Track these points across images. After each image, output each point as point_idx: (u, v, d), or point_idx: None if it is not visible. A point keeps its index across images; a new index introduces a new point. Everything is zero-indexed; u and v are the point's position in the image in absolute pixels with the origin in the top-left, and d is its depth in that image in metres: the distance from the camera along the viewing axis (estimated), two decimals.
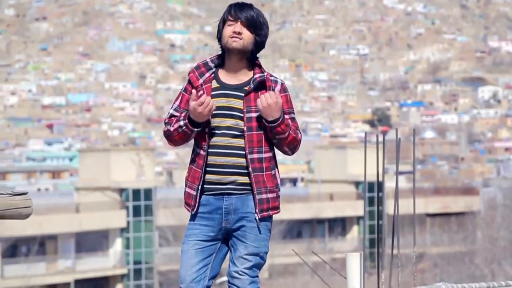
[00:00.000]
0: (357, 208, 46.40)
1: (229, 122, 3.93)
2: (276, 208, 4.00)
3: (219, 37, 4.01)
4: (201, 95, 3.94)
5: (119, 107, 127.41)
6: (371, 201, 41.71)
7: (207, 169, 3.93)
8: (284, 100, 3.97)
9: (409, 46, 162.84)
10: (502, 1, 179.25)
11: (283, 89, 3.98)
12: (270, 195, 3.96)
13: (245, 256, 3.93)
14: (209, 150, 3.93)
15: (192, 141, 4.07)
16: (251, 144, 3.92)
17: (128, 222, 41.80)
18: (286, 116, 3.95)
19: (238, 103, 3.94)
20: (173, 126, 3.96)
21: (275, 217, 4.20)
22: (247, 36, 3.96)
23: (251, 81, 3.97)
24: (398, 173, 5.63)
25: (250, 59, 4.00)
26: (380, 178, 5.65)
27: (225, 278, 44.29)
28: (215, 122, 3.93)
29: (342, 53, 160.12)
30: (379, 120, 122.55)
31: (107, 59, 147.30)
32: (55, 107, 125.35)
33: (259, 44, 3.99)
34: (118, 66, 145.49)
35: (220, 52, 4.05)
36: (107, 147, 59.34)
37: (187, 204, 4.00)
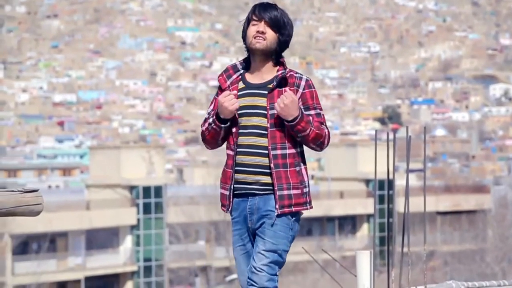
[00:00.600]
0: (367, 206, 46.34)
1: (254, 120, 3.99)
2: (302, 205, 4.02)
3: (244, 36, 4.06)
4: (223, 204, 4.06)
5: (130, 104, 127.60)
6: (381, 199, 41.65)
7: (236, 168, 4.00)
8: (309, 96, 4.00)
9: (420, 43, 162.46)
10: None
11: (308, 85, 4.02)
12: (293, 192, 3.98)
13: (263, 252, 3.96)
14: (237, 149, 4.00)
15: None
16: (274, 140, 3.97)
17: (138, 220, 41.86)
18: (309, 112, 3.98)
19: (262, 101, 4.00)
20: (204, 126, 4.07)
21: None
22: (270, 36, 4.01)
23: (274, 79, 4.02)
24: (408, 171, 5.62)
25: (275, 58, 4.05)
26: (391, 176, 5.64)
27: (235, 276, 44.21)
28: (242, 121, 4.00)
29: (353, 51, 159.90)
30: (390, 117, 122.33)
31: (118, 56, 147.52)
32: (66, 105, 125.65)
33: (283, 44, 4.04)
34: (129, 63, 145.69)
35: (247, 54, 4.11)
36: (118, 145, 59.44)
37: (222, 205, 4.09)
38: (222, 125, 3.99)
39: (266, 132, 3.97)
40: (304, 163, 4.07)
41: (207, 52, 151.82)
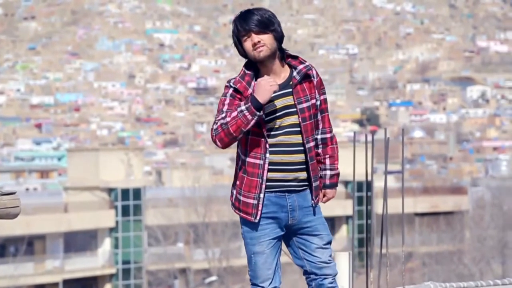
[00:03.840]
0: (346, 208, 46.46)
1: (287, 120, 4.04)
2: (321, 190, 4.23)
3: (243, 54, 4.08)
4: (248, 213, 4.09)
5: (108, 106, 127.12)
6: (360, 201, 41.76)
7: (271, 167, 4.02)
8: (320, 83, 4.13)
9: (398, 45, 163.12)
10: (490, 1, 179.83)
11: (317, 73, 4.14)
12: (318, 182, 4.16)
13: (324, 246, 4.13)
14: (273, 149, 4.01)
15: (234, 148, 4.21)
16: (307, 134, 4.07)
17: (117, 222, 41.71)
18: (320, 98, 4.11)
19: (289, 100, 4.05)
20: (229, 116, 3.96)
21: None
22: (267, 40, 4.02)
23: (296, 73, 4.07)
24: (386, 172, 5.64)
25: (280, 54, 4.08)
26: (369, 178, 5.66)
27: (214, 278, 43.94)
28: (276, 124, 4.02)
29: (331, 53, 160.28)
30: (368, 119, 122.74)
31: (96, 58, 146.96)
32: (44, 107, 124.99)
33: (280, 37, 4.07)
34: (107, 65, 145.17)
35: (246, 62, 4.11)
36: (96, 147, 59.16)
37: (245, 212, 4.07)
38: (258, 113, 3.94)
39: (298, 129, 4.05)
40: None
41: (185, 54, 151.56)
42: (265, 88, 3.94)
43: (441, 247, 43.82)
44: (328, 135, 4.15)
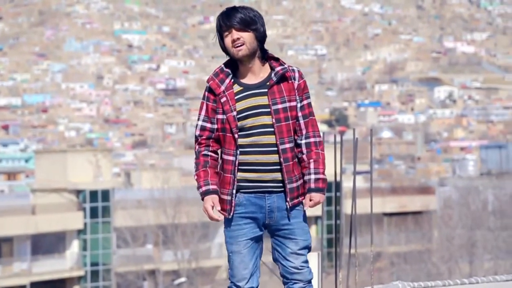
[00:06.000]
0: (315, 208, 46.51)
1: (261, 120, 4.05)
2: (303, 195, 4.16)
3: (224, 50, 4.10)
4: (223, 209, 4.09)
5: (76, 107, 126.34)
6: (329, 201, 41.87)
7: (246, 167, 4.04)
8: (303, 86, 4.11)
9: (366, 46, 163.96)
10: (457, 2, 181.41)
11: (300, 76, 4.12)
12: (300, 182, 4.12)
13: (298, 252, 4.11)
14: (248, 149, 4.04)
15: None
16: (282, 135, 4.06)
17: (85, 224, 41.46)
18: (302, 103, 4.10)
19: (264, 100, 4.05)
20: (195, 173, 4.12)
21: None
22: (247, 38, 4.04)
23: (273, 74, 4.07)
24: (355, 173, 5.66)
25: (260, 55, 4.09)
26: (338, 178, 5.67)
27: (183, 279, 43.83)
28: (248, 123, 4.04)
29: (300, 54, 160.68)
30: (337, 120, 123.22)
31: (63, 59, 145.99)
32: (11, 108, 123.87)
33: (262, 38, 4.08)
34: (75, 66, 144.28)
35: (228, 58, 4.13)
36: (64, 148, 58.79)
37: (222, 209, 4.10)
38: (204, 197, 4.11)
39: (272, 129, 4.04)
40: None
41: (154, 55, 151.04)
42: (205, 213, 4.07)
43: (409, 247, 44.09)
44: (312, 140, 4.13)
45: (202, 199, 4.08)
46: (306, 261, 4.14)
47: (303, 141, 4.12)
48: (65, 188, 41.63)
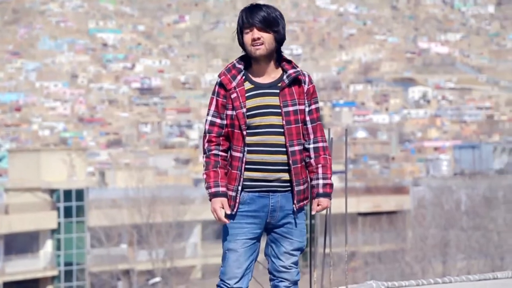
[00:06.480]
0: None
1: (269, 120, 4.06)
2: (308, 198, 4.20)
3: (241, 45, 4.11)
4: (229, 204, 4.08)
5: (50, 106, 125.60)
6: None
7: (252, 166, 4.05)
8: (312, 91, 4.16)
9: (341, 46, 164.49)
10: (431, 3, 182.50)
11: (310, 80, 4.16)
12: (305, 185, 4.15)
13: (291, 252, 4.14)
14: (254, 148, 4.05)
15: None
16: (291, 137, 4.08)
17: (59, 223, 41.24)
18: (310, 108, 4.15)
19: (275, 100, 4.07)
20: (204, 172, 4.12)
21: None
22: (267, 39, 4.06)
23: (286, 77, 4.10)
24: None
25: (276, 56, 4.12)
26: None
27: (157, 279, 43.65)
28: (256, 121, 4.05)
29: None
30: None
31: (38, 58, 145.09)
32: None
33: (281, 39, 4.10)
34: (49, 65, 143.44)
35: (243, 54, 4.14)
36: (38, 147, 58.42)
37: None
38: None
39: (282, 130, 4.06)
40: None
41: (129, 54, 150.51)
42: (214, 214, 4.07)
43: (384, 246, 44.28)
44: (321, 145, 4.17)
45: (210, 200, 4.10)
46: (296, 262, 4.17)
47: (311, 146, 4.15)
48: (39, 187, 41.38)
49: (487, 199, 43.01)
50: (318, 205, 4.14)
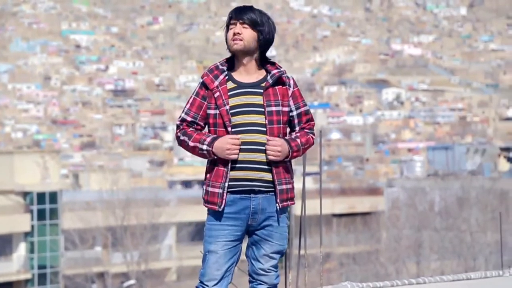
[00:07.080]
0: None
1: (251, 118, 4.04)
2: (293, 199, 4.17)
3: (226, 40, 4.15)
4: (213, 202, 4.03)
5: (23, 108, 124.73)
6: None
7: (234, 165, 4.03)
8: (298, 94, 4.16)
9: (315, 48, 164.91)
10: (404, 5, 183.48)
11: (295, 83, 4.17)
12: (289, 186, 4.13)
13: (271, 255, 4.12)
14: None
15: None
16: (273, 137, 4.05)
17: (32, 226, 40.97)
18: (299, 111, 4.12)
19: (258, 99, 4.07)
20: (191, 142, 4.05)
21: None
22: (247, 35, 4.08)
23: (270, 77, 4.11)
24: (305, 174, 5.70)
25: (259, 57, 4.13)
26: None
27: (132, 282, 43.50)
28: (238, 119, 4.04)
29: None
30: None
31: (10, 59, 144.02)
32: None
33: (264, 42, 4.12)
34: (22, 67, 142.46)
35: (228, 56, 4.17)
36: (11, 150, 57.99)
37: (211, 203, 4.07)
38: (215, 157, 4.03)
39: (264, 129, 4.04)
40: None
41: (102, 55, 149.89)
42: (225, 152, 4.00)
43: (358, 248, 44.44)
44: (307, 130, 4.16)
45: (212, 149, 4.00)
46: (276, 266, 4.15)
47: (297, 130, 4.16)
48: (12, 190, 41.09)
49: (460, 200, 43.30)
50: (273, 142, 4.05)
